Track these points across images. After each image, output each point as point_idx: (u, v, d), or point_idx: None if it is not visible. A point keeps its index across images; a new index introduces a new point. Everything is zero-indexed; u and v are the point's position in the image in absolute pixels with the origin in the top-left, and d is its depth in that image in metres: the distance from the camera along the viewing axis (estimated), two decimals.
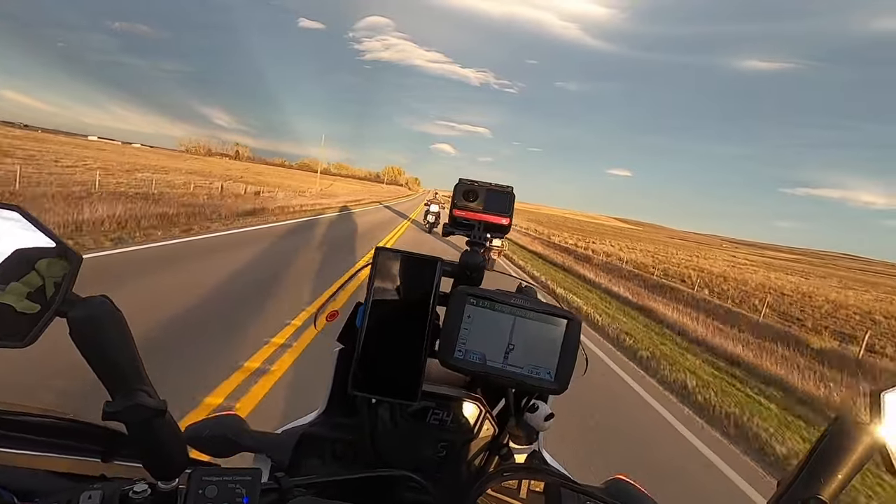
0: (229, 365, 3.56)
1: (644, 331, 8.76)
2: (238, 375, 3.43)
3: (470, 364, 0.61)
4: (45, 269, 0.40)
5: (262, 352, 3.94)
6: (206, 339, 4.01)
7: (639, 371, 6.04)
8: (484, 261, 0.75)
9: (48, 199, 9.60)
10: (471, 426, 0.78)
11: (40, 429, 0.57)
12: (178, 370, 3.32)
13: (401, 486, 0.72)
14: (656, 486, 0.71)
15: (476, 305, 0.62)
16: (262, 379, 3.45)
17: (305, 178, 59.47)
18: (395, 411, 0.75)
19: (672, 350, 7.60)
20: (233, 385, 3.28)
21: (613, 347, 7.05)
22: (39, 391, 2.74)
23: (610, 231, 61.46)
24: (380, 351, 0.65)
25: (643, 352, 6.68)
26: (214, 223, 11.29)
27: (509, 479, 0.73)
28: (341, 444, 0.77)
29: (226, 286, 5.80)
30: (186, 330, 4.14)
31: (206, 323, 4.43)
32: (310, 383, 3.43)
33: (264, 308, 5.15)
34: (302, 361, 3.87)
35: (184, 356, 3.58)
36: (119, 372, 0.42)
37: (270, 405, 3.12)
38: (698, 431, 4.45)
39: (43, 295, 0.40)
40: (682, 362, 6.74)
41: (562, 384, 0.61)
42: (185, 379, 3.22)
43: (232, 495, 0.44)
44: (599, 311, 9.28)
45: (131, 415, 0.41)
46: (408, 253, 0.67)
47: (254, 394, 3.22)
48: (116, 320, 0.42)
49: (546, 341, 0.62)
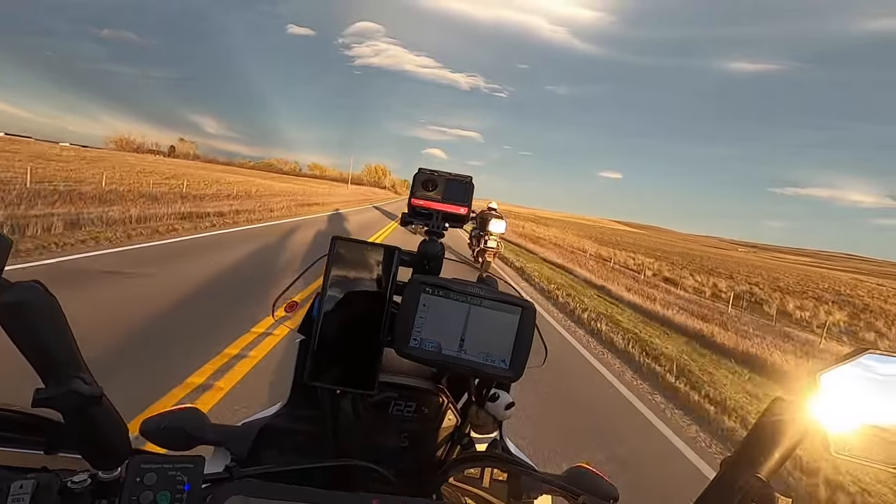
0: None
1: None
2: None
3: (425, 353, 0.61)
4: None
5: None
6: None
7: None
8: (442, 250, 0.75)
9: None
10: (433, 416, 0.78)
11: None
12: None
13: (362, 476, 0.72)
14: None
15: (431, 294, 0.62)
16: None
17: (246, 178, 43.72)
18: (357, 402, 0.75)
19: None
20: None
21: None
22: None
23: (614, 235, 54.71)
24: (337, 341, 0.65)
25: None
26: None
27: (469, 467, 0.74)
28: (303, 435, 0.76)
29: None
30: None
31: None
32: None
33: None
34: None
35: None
36: (52, 358, 0.41)
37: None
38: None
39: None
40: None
41: (516, 372, 0.62)
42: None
43: (172, 482, 0.43)
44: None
45: (65, 402, 0.40)
46: (365, 242, 0.67)
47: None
48: (49, 305, 0.41)
49: (500, 330, 0.62)
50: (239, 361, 3.49)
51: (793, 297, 24.85)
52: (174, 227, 9.53)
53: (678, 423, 4.20)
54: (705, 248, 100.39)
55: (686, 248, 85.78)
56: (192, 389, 2.99)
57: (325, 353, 0.65)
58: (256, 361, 3.52)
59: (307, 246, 10.20)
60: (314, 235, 12.26)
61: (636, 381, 5.17)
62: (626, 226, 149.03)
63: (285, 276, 6.72)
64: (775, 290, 27.81)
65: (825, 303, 24.74)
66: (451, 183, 0.76)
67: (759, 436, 0.48)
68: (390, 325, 0.66)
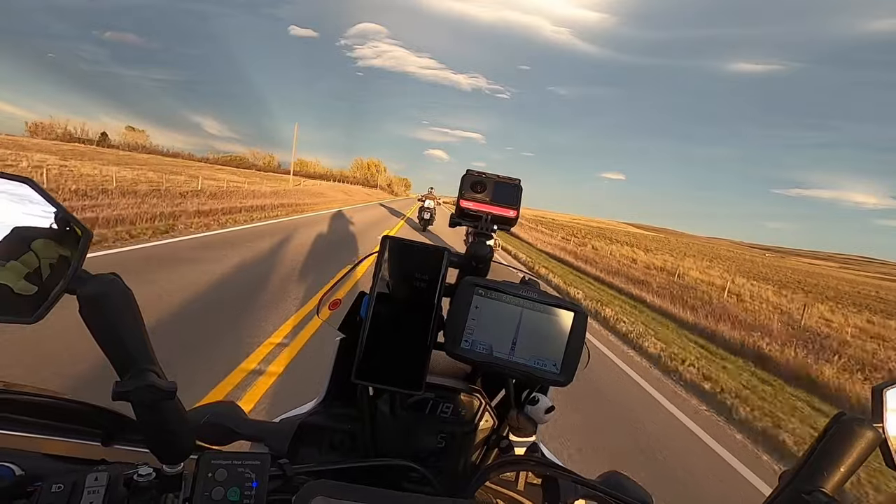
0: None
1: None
2: None
3: (476, 354, 0.61)
4: (41, 250, 0.39)
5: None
6: None
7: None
8: (491, 252, 0.75)
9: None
10: (470, 418, 0.78)
11: (39, 409, 0.56)
12: None
13: (401, 475, 0.72)
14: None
15: (483, 296, 0.62)
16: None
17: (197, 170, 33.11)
18: (394, 402, 0.75)
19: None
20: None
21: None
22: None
23: (630, 239, 45.05)
24: (384, 340, 0.65)
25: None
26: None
27: (508, 470, 0.74)
28: (340, 433, 0.76)
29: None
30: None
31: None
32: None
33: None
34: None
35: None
36: (129, 352, 0.41)
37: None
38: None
39: (39, 277, 0.39)
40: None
41: (567, 377, 0.62)
42: None
43: (241, 479, 0.44)
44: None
45: (141, 395, 0.41)
46: (415, 242, 0.67)
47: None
48: (127, 299, 0.41)
49: (552, 333, 0.62)
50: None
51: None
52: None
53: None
54: (735, 253, 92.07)
55: (727, 255, 74.57)
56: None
57: (372, 353, 0.65)
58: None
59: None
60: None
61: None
62: (638, 228, 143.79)
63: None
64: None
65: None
66: (499, 185, 0.76)
67: (822, 451, 0.48)
68: (438, 326, 0.66)
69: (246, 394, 3.15)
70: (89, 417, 0.57)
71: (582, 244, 27.05)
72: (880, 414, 0.47)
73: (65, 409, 0.57)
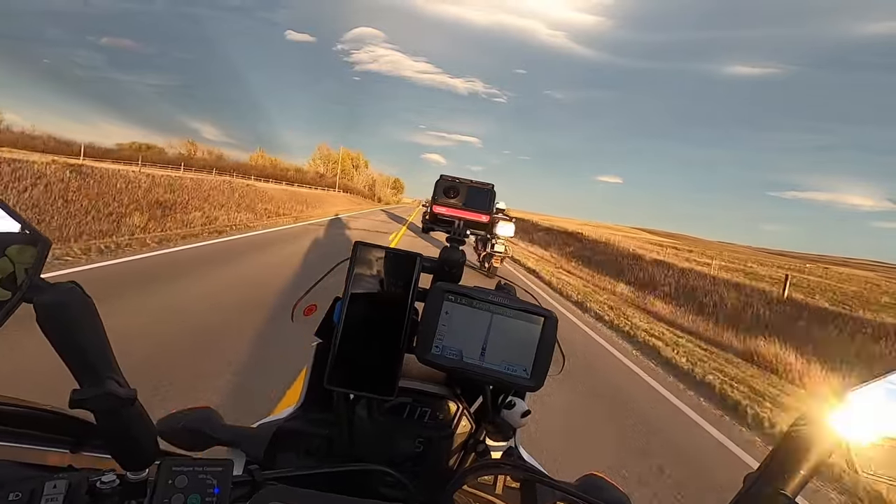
0: None
1: None
2: None
3: (447, 360, 0.62)
4: (15, 256, 0.39)
5: None
6: None
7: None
8: (464, 257, 0.75)
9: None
10: (448, 422, 0.78)
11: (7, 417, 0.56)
12: None
13: (377, 480, 0.72)
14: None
15: (454, 302, 0.63)
16: None
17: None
18: (371, 407, 0.75)
19: None
20: None
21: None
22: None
23: (655, 247, 38.07)
24: (357, 346, 0.65)
25: None
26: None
27: (485, 474, 0.74)
28: (317, 439, 0.76)
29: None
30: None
31: None
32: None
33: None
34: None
35: None
36: (88, 359, 0.41)
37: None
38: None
39: (14, 282, 0.39)
40: None
41: (538, 381, 0.62)
42: None
43: (203, 485, 0.44)
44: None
45: (100, 403, 0.41)
46: (388, 248, 0.67)
47: None
48: (86, 307, 0.41)
49: (523, 339, 0.62)
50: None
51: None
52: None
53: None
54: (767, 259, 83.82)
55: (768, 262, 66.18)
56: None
57: (345, 358, 0.65)
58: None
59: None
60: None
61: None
62: (649, 233, 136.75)
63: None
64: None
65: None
66: (472, 190, 0.76)
67: (784, 452, 0.48)
68: (411, 332, 0.66)
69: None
70: (58, 425, 0.57)
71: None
72: (843, 416, 0.48)
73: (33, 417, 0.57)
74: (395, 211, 36.97)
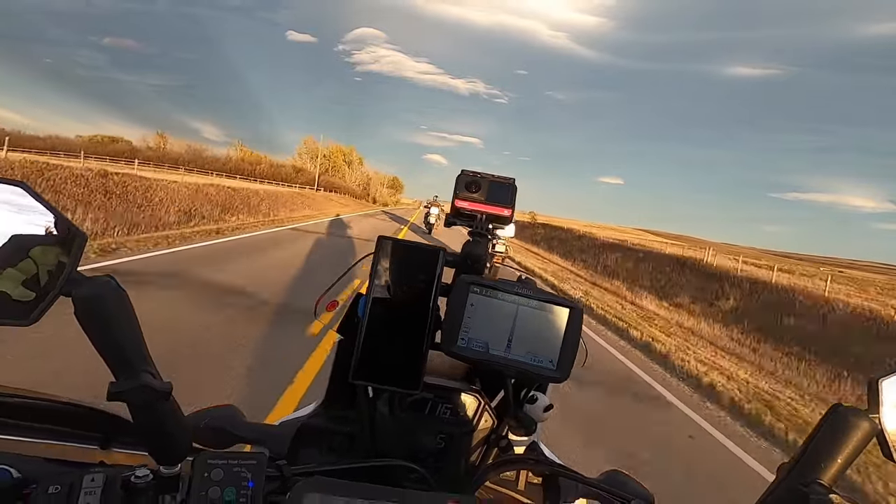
0: None
1: None
2: None
3: (473, 352, 0.62)
4: (39, 257, 0.40)
5: None
6: None
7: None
8: (486, 252, 0.75)
9: None
10: (469, 418, 0.78)
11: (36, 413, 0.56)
12: None
13: (401, 475, 0.72)
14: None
15: (479, 294, 0.63)
16: None
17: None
18: (393, 403, 0.75)
19: None
20: None
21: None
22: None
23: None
24: (381, 340, 0.65)
25: None
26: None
27: (508, 469, 0.73)
28: (339, 435, 0.76)
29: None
30: None
31: None
32: None
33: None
34: None
35: None
36: (124, 353, 0.41)
37: None
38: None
39: (37, 283, 0.39)
40: None
41: (564, 373, 0.62)
42: None
43: (237, 478, 0.44)
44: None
45: (136, 396, 0.41)
46: (410, 243, 0.67)
47: None
48: (121, 300, 0.41)
49: (548, 330, 0.62)
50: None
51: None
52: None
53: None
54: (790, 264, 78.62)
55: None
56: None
57: (370, 353, 0.65)
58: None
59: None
60: None
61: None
62: (656, 235, 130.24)
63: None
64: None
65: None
66: (494, 184, 0.76)
67: (819, 442, 0.48)
68: (435, 326, 0.66)
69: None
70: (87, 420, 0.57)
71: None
72: (876, 404, 0.47)
73: (62, 413, 0.57)
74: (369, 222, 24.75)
